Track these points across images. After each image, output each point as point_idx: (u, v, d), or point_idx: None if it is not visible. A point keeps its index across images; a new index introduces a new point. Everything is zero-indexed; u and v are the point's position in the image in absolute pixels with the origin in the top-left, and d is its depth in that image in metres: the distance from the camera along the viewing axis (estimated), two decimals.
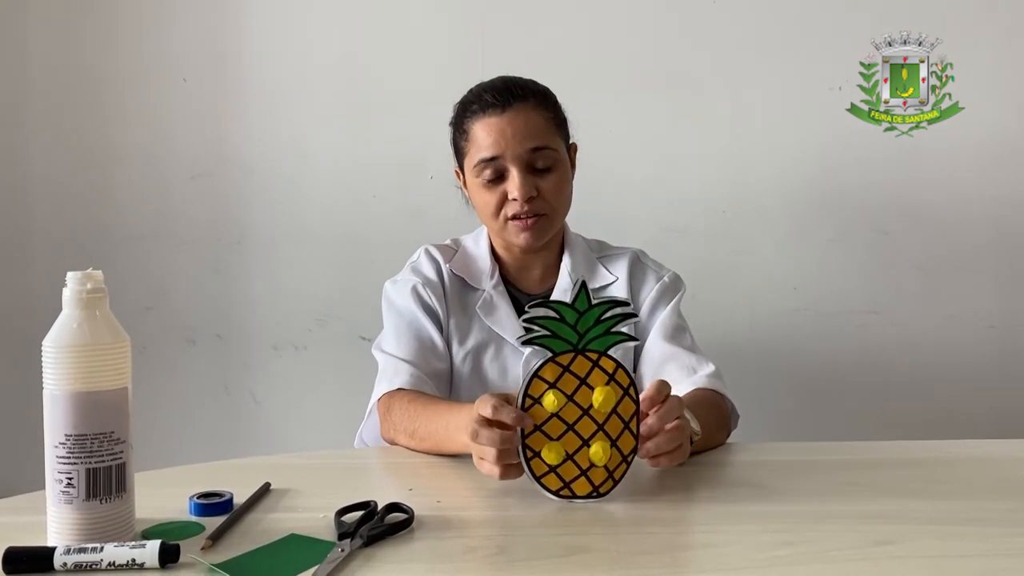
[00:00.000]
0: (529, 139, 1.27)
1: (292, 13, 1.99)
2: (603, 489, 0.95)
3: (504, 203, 1.30)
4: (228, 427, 2.04)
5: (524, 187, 1.27)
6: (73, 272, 0.80)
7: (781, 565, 0.77)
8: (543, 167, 1.29)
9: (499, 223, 1.32)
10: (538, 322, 0.95)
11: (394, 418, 1.19)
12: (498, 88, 1.30)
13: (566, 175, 1.33)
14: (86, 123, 2.01)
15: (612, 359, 0.95)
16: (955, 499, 0.95)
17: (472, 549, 0.81)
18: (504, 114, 1.28)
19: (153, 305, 2.02)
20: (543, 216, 1.30)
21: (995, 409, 1.93)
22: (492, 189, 1.30)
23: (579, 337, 0.95)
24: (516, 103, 1.28)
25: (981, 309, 1.94)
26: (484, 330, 1.36)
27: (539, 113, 1.30)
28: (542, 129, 1.29)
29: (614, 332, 0.96)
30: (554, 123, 1.32)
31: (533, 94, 1.31)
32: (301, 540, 0.82)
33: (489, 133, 1.28)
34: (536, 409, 0.94)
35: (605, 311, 0.95)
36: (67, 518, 0.79)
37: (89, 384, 0.79)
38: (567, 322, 0.95)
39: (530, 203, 1.28)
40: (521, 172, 1.27)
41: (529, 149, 1.27)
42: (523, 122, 1.28)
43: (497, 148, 1.27)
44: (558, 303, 0.95)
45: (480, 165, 1.29)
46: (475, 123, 1.30)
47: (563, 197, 1.33)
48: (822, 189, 1.94)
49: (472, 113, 1.31)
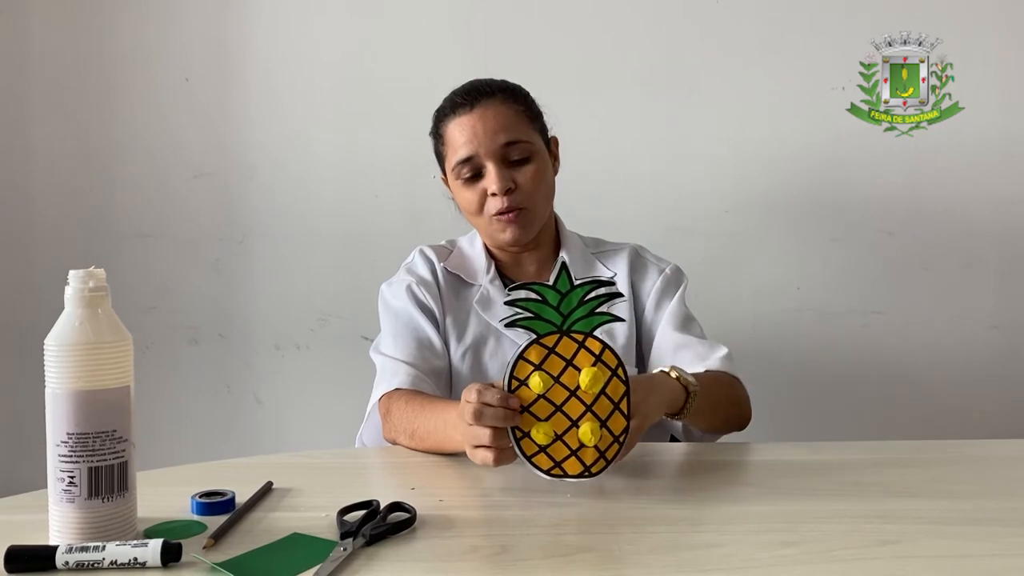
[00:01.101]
0: (501, 133, 1.29)
1: (294, 13, 1.98)
2: (594, 469, 0.95)
3: (485, 200, 1.31)
4: (230, 426, 2.04)
5: (500, 180, 1.28)
6: (75, 270, 0.80)
7: (785, 565, 0.76)
8: (518, 159, 1.30)
9: (484, 221, 1.33)
10: (520, 304, 0.95)
11: (394, 419, 1.19)
12: (466, 89, 1.33)
13: (543, 166, 1.33)
14: (89, 122, 2.01)
15: (599, 340, 0.95)
16: (960, 499, 0.95)
17: (475, 548, 0.81)
18: (474, 111, 1.30)
19: (155, 304, 2.02)
20: (523, 210, 1.31)
21: (999, 409, 1.93)
22: (472, 187, 1.31)
23: (563, 318, 0.95)
24: (484, 100, 1.30)
25: (984, 309, 1.93)
26: (482, 325, 1.36)
27: (508, 107, 1.31)
28: (513, 122, 1.30)
29: (599, 313, 0.95)
30: (526, 116, 1.33)
31: (501, 90, 1.33)
32: (303, 539, 0.82)
33: (462, 132, 1.30)
34: (522, 391, 0.94)
35: (588, 291, 0.95)
36: (69, 517, 0.79)
37: (91, 383, 0.79)
38: (550, 303, 0.95)
39: (509, 196, 1.29)
40: (496, 166, 1.28)
41: (502, 144, 1.29)
42: (492, 116, 1.29)
43: (471, 147, 1.29)
44: (540, 285, 0.95)
45: (458, 167, 1.31)
46: (448, 125, 1.32)
47: (541, 188, 1.33)
48: (825, 189, 1.94)
49: (445, 117, 1.34)
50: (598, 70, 1.94)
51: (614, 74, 1.94)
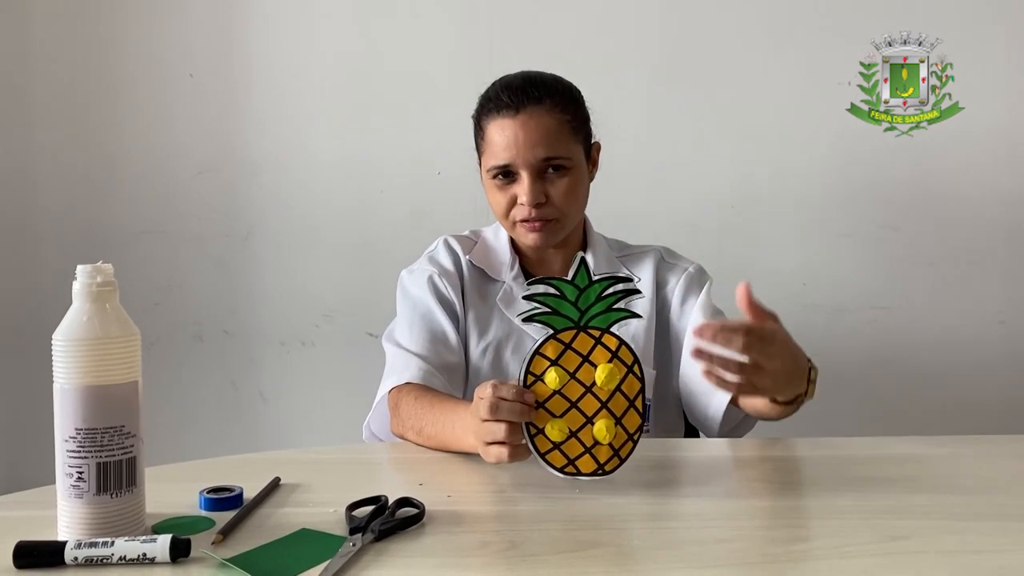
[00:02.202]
0: (541, 147, 1.25)
1: (299, 9, 1.98)
2: (608, 467, 0.94)
3: (514, 205, 1.29)
4: (235, 423, 2.04)
5: (532, 193, 1.25)
6: (83, 265, 0.80)
7: (796, 560, 0.76)
8: (555, 172, 1.27)
9: (509, 223, 1.31)
10: (539, 299, 0.94)
11: (402, 415, 1.18)
12: (515, 87, 1.27)
13: (579, 180, 1.30)
14: (93, 118, 2.01)
15: (615, 336, 0.95)
16: (970, 494, 0.94)
17: (484, 544, 0.81)
18: (517, 117, 1.25)
19: (160, 301, 2.02)
20: (552, 221, 1.29)
21: (1006, 403, 1.92)
22: (504, 190, 1.29)
23: (580, 314, 0.94)
24: (530, 105, 1.25)
25: (991, 304, 1.93)
26: (505, 322, 1.34)
27: (554, 116, 1.26)
28: (555, 135, 1.26)
29: (616, 309, 0.95)
30: (571, 126, 1.28)
31: (550, 95, 1.27)
32: (312, 535, 0.82)
33: (503, 136, 1.26)
34: (538, 386, 0.94)
35: (606, 288, 0.95)
36: (78, 512, 0.79)
37: (99, 378, 0.78)
38: (568, 299, 0.94)
39: (538, 209, 1.26)
40: (531, 178, 1.25)
41: (541, 158, 1.25)
42: (535, 127, 1.25)
43: (508, 155, 1.25)
44: (558, 280, 0.94)
45: (492, 170, 1.28)
46: (490, 123, 1.28)
47: (574, 202, 1.30)
48: (831, 185, 1.93)
49: (488, 112, 1.29)
50: (604, 68, 1.93)
51: (620, 72, 1.94)
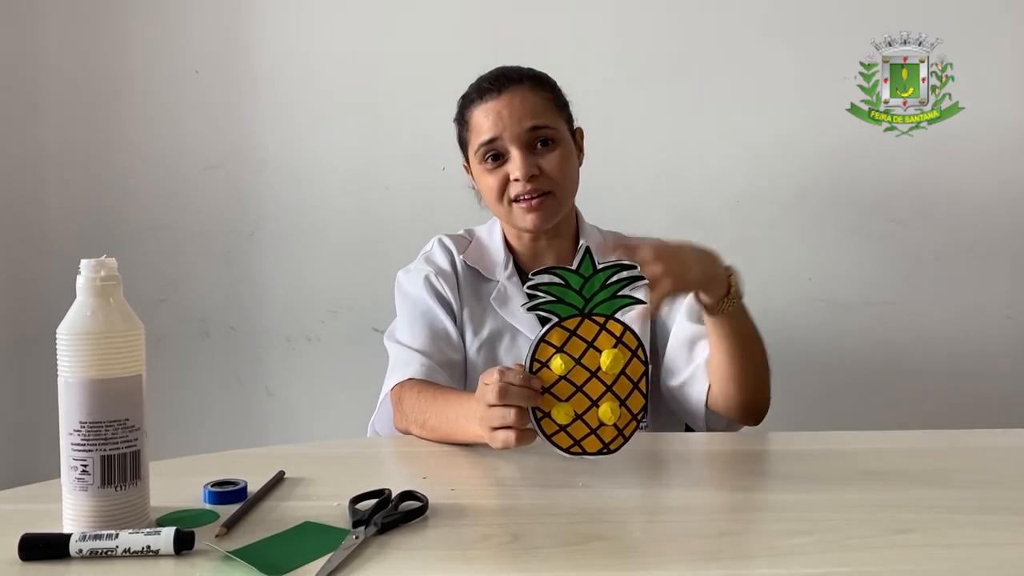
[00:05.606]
0: (527, 118, 1.28)
1: (305, 5, 1.98)
2: (613, 446, 0.96)
3: (507, 185, 1.30)
4: (241, 419, 2.04)
5: (525, 166, 1.27)
6: (87, 260, 0.80)
7: (800, 554, 0.76)
8: (543, 145, 1.29)
9: (504, 207, 1.32)
10: (543, 288, 0.95)
11: (405, 409, 1.19)
12: (493, 75, 1.33)
13: (568, 153, 1.32)
14: (99, 114, 2.02)
15: (619, 322, 0.96)
16: (974, 488, 0.94)
17: (487, 537, 0.81)
18: (500, 96, 1.29)
19: (166, 297, 2.02)
20: (548, 195, 1.29)
21: (1012, 398, 1.91)
22: (495, 172, 1.30)
23: (585, 302, 0.95)
24: (512, 86, 1.30)
25: (998, 299, 1.92)
26: (498, 320, 1.35)
27: (536, 94, 1.31)
28: (540, 108, 1.30)
29: (620, 296, 0.96)
30: (553, 104, 1.32)
31: (529, 77, 1.32)
32: (315, 527, 0.82)
33: (487, 116, 1.29)
34: (544, 372, 0.95)
35: (611, 275, 0.95)
36: (82, 505, 0.79)
37: (103, 371, 0.79)
38: (572, 287, 0.95)
39: (532, 181, 1.28)
40: (521, 151, 1.28)
41: (527, 128, 1.28)
42: (519, 102, 1.29)
43: (495, 129, 1.28)
44: (562, 269, 0.95)
45: (481, 149, 1.30)
46: (474, 111, 1.32)
47: (567, 174, 1.32)
48: (836, 180, 1.93)
49: (471, 102, 1.33)
50: (607, 65, 1.93)
51: (623, 68, 1.93)
